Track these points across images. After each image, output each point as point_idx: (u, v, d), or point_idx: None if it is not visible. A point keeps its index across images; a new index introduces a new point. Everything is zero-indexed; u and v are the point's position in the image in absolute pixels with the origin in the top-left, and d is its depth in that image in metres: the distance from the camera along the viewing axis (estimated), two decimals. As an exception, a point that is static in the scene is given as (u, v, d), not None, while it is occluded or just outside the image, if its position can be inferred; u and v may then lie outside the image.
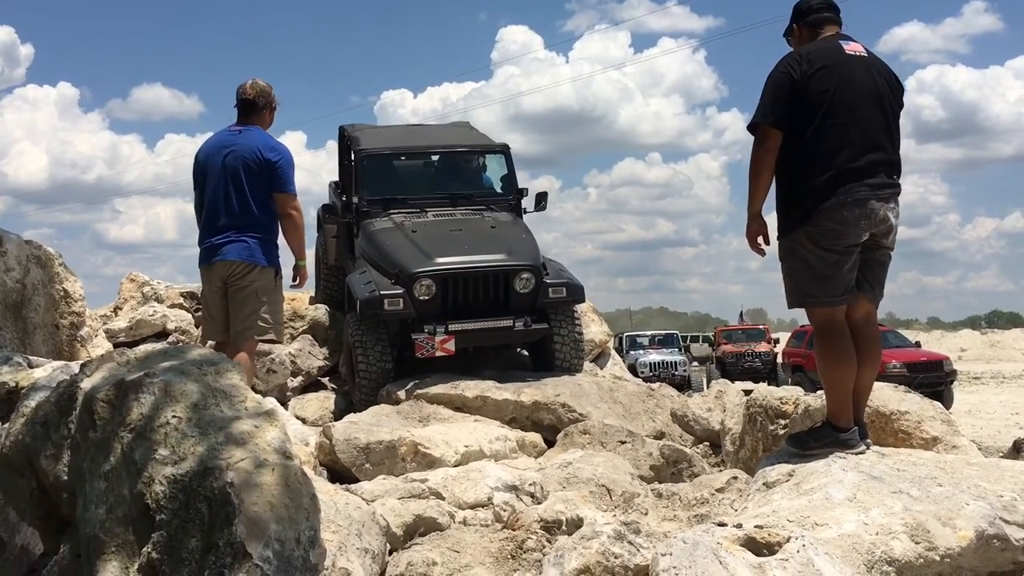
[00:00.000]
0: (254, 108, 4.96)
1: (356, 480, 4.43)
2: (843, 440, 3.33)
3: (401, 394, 6.06)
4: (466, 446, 4.84)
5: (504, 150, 7.63)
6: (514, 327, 6.34)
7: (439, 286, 6.26)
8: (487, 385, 6.17)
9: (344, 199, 7.52)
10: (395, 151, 7.71)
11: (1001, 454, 5.36)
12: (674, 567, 2.45)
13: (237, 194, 4.81)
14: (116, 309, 8.45)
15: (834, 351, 3.39)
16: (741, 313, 31.50)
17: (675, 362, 21.47)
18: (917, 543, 2.60)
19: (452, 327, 6.23)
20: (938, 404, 4.08)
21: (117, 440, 2.35)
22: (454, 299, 6.35)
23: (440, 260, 6.35)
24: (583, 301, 6.72)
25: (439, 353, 6.22)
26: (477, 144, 7.90)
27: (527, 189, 7.57)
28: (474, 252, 6.50)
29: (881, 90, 3.41)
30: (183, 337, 7.69)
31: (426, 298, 6.25)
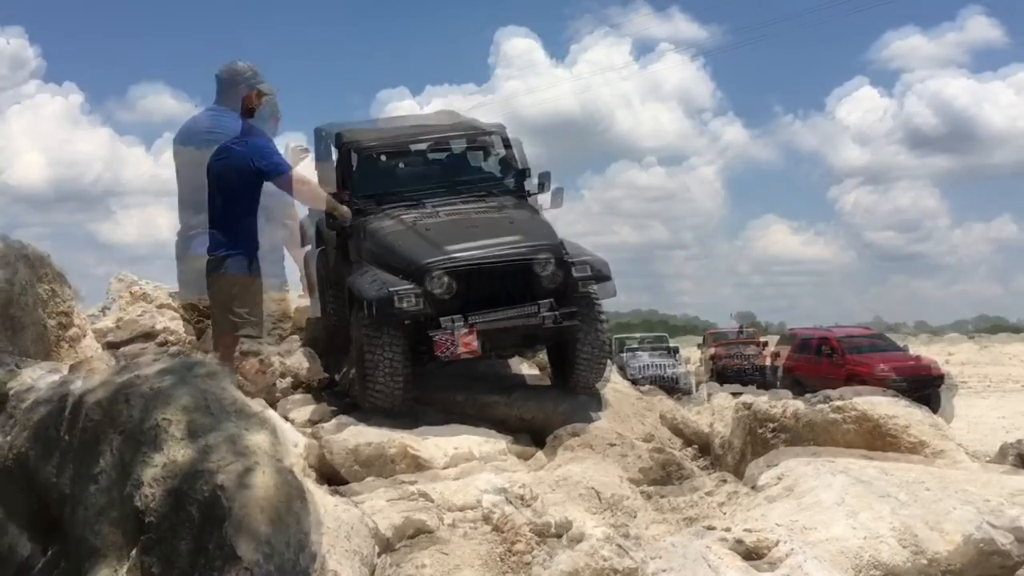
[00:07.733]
0: (219, 84, 5.09)
1: (346, 483, 4.41)
2: None
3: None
4: (456, 449, 4.83)
5: (500, 130, 7.07)
6: (543, 323, 5.64)
7: (454, 277, 5.61)
8: (477, 388, 6.16)
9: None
10: (382, 142, 7.13)
11: (989, 459, 5.38)
12: (663, 571, 2.46)
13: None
14: (104, 309, 8.40)
15: None
16: (732, 317, 31.56)
17: (666, 365, 21.46)
18: (905, 548, 2.61)
19: (474, 320, 5.55)
20: (926, 409, 4.12)
21: (108, 443, 2.34)
22: (471, 291, 5.67)
23: (451, 248, 5.72)
24: (610, 278, 6.00)
25: (461, 350, 5.56)
26: (471, 128, 7.31)
27: (529, 170, 6.83)
28: (488, 238, 5.87)
29: None
30: (171, 338, 7.64)
31: (440, 290, 5.58)
